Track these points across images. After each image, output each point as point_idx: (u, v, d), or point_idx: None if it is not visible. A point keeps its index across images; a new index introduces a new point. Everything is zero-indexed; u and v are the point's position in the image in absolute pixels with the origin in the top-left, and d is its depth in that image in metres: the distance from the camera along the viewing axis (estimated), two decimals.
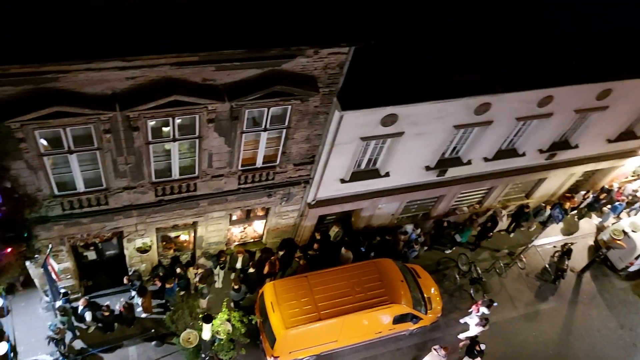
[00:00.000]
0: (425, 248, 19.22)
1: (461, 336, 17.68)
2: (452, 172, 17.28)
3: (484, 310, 17.10)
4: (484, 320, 16.78)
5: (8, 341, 14.92)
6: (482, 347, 15.66)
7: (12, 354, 14.98)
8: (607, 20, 15.92)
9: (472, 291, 19.00)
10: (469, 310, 17.84)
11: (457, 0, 14.79)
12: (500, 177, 18.56)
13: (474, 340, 15.87)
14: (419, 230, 19.14)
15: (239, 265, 17.26)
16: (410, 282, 16.59)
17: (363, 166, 16.02)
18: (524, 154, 17.82)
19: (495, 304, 17.21)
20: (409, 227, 19.24)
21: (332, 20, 11.44)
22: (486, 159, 17.31)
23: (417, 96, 13.58)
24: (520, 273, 20.10)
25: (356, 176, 15.93)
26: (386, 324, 16.13)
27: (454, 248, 20.02)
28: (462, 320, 18.09)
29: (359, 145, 14.61)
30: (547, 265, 20.29)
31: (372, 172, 16.18)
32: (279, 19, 11.04)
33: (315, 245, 17.64)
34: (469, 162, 17.07)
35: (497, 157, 17.39)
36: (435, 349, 15.79)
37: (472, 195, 19.86)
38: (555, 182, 20.67)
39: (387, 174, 16.21)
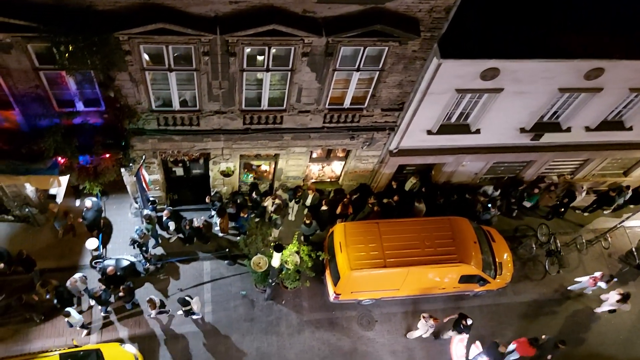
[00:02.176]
0: (499, 213, 18.54)
1: (598, 310, 17.36)
2: (548, 138, 16.27)
3: (601, 285, 16.61)
4: (624, 296, 16.27)
5: (99, 237, 16.40)
6: (469, 322, 15.20)
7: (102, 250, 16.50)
8: None
9: (547, 263, 18.31)
10: (577, 280, 17.35)
11: None
12: (599, 150, 17.31)
13: (461, 315, 15.43)
14: (497, 193, 18.47)
15: (308, 202, 17.59)
16: (483, 245, 16.17)
17: (453, 120, 15.44)
18: (630, 128, 16.41)
19: (615, 279, 16.65)
20: (490, 189, 18.59)
21: None
22: (588, 129, 16.13)
23: (524, 52, 12.71)
24: (602, 252, 19.01)
25: (444, 129, 15.43)
26: (451, 282, 15.99)
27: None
28: (570, 287, 17.81)
29: (452, 97, 14.02)
30: (633, 249, 18.99)
31: (461, 127, 15.58)
32: None
33: (395, 197, 17.49)
34: (568, 130, 15.99)
35: (600, 127, 16.17)
36: (424, 317, 15.41)
37: (565, 164, 18.74)
38: None
39: (477, 131, 15.56)
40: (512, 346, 15.48)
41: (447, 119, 15.32)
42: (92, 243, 15.89)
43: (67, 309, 14.37)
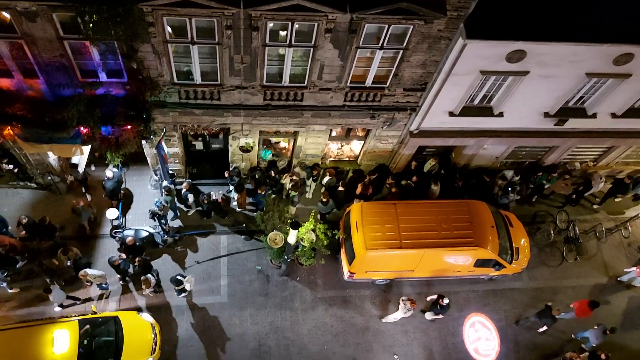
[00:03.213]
0: (518, 197, 18.33)
1: None
2: (572, 123, 15.94)
3: None
4: None
5: (119, 207, 16.66)
6: (445, 301, 15.28)
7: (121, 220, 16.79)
8: None
9: (564, 250, 18.14)
10: (626, 270, 17.40)
11: None
12: (625, 138, 16.92)
13: (439, 295, 15.47)
14: (518, 178, 18.25)
15: (324, 182, 17.58)
16: (500, 229, 16.04)
17: (476, 102, 15.20)
18: None
19: None
20: (509, 173, 18.39)
21: None
22: (614, 115, 15.78)
23: (552, 34, 12.39)
24: (621, 241, 18.74)
25: (467, 111, 15.21)
26: (466, 265, 15.96)
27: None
28: (620, 278, 17.84)
29: (476, 79, 13.79)
30: None
31: (484, 110, 15.34)
32: None
33: (414, 178, 17.42)
34: (593, 115, 15.67)
35: (627, 114, 15.79)
36: (402, 300, 15.46)
37: (588, 151, 18.41)
38: None
39: (500, 114, 15.31)
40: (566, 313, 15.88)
41: (470, 101, 15.09)
42: (112, 213, 16.14)
43: (53, 286, 14.68)
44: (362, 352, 15.98)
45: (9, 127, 13.03)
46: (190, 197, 16.61)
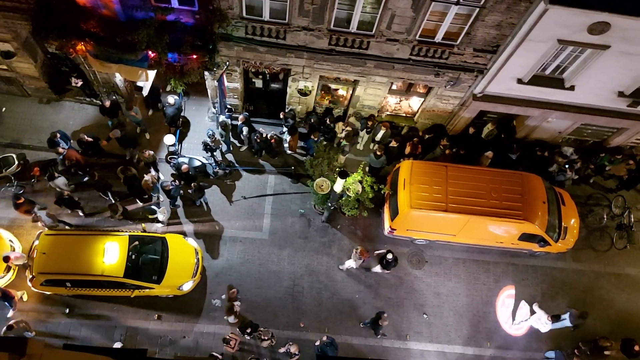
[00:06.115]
0: (576, 177, 17.67)
1: None
2: None
3: None
4: None
5: (177, 134, 17.15)
6: (389, 257, 15.16)
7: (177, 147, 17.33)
8: None
9: (615, 236, 17.55)
10: None
11: None
12: None
13: (388, 251, 15.33)
14: (577, 157, 17.57)
15: (378, 137, 17.39)
16: (552, 206, 15.59)
17: (548, 72, 14.52)
18: None
19: None
20: (569, 151, 17.71)
21: None
22: None
23: None
24: None
25: (536, 80, 14.58)
26: (510, 237, 15.73)
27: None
28: None
29: (552, 48, 13.11)
30: None
31: (555, 81, 14.65)
32: None
33: (462, 151, 17.10)
34: None
35: None
36: (356, 250, 15.47)
37: None
38: None
39: (571, 88, 14.60)
40: None
41: (541, 70, 14.42)
42: (169, 139, 16.67)
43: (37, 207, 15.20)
44: (393, 307, 16.28)
45: (82, 43, 13.44)
46: (245, 130, 16.84)
